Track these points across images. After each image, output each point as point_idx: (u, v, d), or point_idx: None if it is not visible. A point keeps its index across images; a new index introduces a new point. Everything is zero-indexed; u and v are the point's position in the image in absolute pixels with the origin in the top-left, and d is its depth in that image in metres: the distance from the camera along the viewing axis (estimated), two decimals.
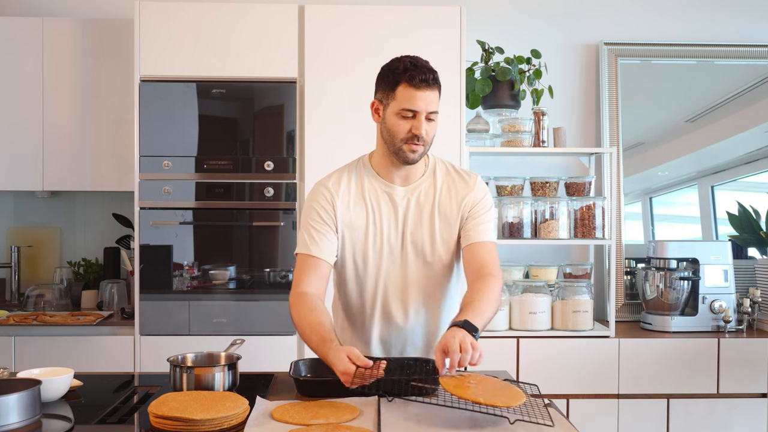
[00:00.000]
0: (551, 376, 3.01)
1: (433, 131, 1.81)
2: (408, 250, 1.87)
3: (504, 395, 1.48)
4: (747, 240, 3.57)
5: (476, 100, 3.27)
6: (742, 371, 3.04)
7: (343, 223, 1.86)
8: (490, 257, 1.85)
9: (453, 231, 1.88)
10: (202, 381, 1.67)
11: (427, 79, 1.75)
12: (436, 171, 1.92)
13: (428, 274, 1.89)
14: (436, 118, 1.80)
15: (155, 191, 2.95)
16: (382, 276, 1.87)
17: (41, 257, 3.55)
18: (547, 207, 3.15)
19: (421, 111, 1.76)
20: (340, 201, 1.86)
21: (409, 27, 3.00)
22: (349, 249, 1.87)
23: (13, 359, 2.92)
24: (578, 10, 3.59)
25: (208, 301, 2.97)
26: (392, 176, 1.88)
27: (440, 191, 1.89)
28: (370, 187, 1.88)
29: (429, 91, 1.76)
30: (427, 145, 1.81)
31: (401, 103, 1.77)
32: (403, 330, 1.90)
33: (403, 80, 1.76)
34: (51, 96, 3.23)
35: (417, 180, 1.89)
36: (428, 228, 1.87)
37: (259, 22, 2.99)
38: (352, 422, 1.45)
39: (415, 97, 1.75)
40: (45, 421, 1.51)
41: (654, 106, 3.64)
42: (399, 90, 1.77)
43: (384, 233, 1.86)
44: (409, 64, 1.78)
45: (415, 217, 1.87)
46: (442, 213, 1.88)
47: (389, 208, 1.87)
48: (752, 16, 3.61)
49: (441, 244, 1.87)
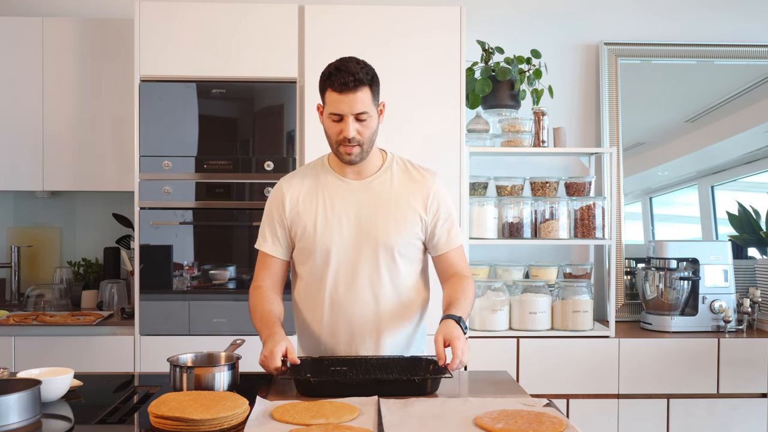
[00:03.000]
0: (551, 376, 3.01)
1: (368, 130, 1.85)
2: (362, 241, 1.91)
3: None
4: (747, 240, 3.58)
5: (476, 100, 3.27)
6: (742, 371, 3.04)
7: (292, 220, 1.94)
8: (463, 260, 1.99)
9: (409, 224, 1.92)
10: (202, 381, 1.67)
11: (347, 82, 1.79)
12: (393, 166, 1.98)
13: (383, 265, 1.91)
14: (369, 117, 1.84)
15: (155, 191, 2.95)
16: (334, 267, 1.92)
17: (41, 257, 3.54)
18: (547, 207, 3.15)
19: (346, 114, 1.81)
20: (289, 198, 1.95)
21: (409, 27, 3.00)
22: (302, 242, 1.94)
23: (13, 359, 2.92)
24: (578, 10, 3.59)
25: (208, 301, 2.97)
26: (346, 172, 1.95)
27: (396, 185, 1.94)
28: (324, 182, 1.95)
29: (352, 94, 1.80)
30: (365, 144, 1.86)
31: (329, 107, 1.84)
32: (352, 319, 1.94)
33: (327, 85, 1.83)
34: (51, 96, 3.23)
35: (373, 174, 1.95)
36: (383, 219, 1.91)
37: (259, 22, 2.99)
38: (352, 422, 1.45)
39: (338, 101, 1.81)
40: (45, 421, 1.51)
41: (654, 106, 3.64)
42: (326, 95, 1.84)
43: (337, 225, 1.91)
44: (333, 68, 1.83)
45: (370, 209, 1.92)
46: (399, 205, 1.92)
47: (343, 201, 1.93)
48: (752, 16, 3.61)
49: (396, 236, 1.91)
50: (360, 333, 1.94)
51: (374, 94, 1.85)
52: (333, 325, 1.95)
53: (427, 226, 1.94)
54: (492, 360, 2.98)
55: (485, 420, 1.44)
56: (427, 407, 1.55)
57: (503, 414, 1.48)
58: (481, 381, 1.93)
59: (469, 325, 3.09)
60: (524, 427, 1.40)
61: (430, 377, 1.70)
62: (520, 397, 1.66)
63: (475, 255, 3.42)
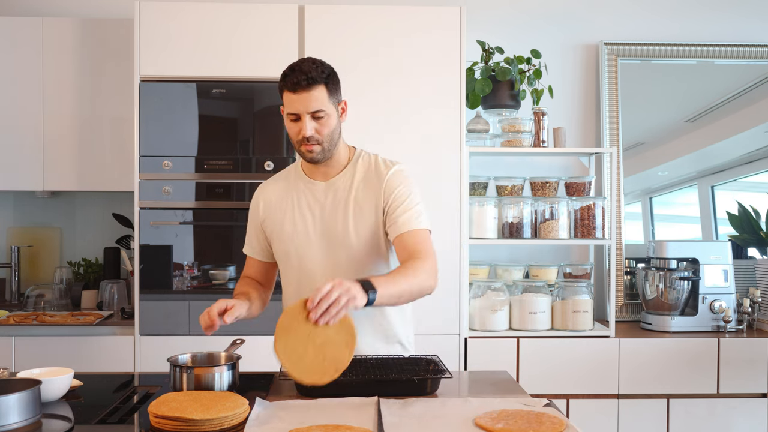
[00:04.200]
0: (551, 376, 3.01)
1: (327, 128, 1.86)
2: (326, 242, 1.93)
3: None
4: (747, 240, 3.58)
5: (476, 100, 3.27)
6: (742, 371, 3.04)
7: (267, 223, 2.01)
8: (419, 244, 1.85)
9: (369, 221, 1.92)
10: (202, 381, 1.67)
11: (299, 81, 1.80)
12: (357, 164, 1.98)
13: (347, 265, 1.92)
14: (326, 116, 1.85)
15: (155, 191, 2.95)
16: (305, 268, 1.95)
17: (41, 257, 3.55)
18: (547, 207, 3.15)
19: (302, 113, 1.83)
20: (263, 203, 2.02)
21: (409, 27, 3.00)
22: (277, 244, 2.00)
23: (13, 359, 2.92)
24: (578, 10, 3.59)
25: (208, 301, 2.94)
26: (315, 173, 1.98)
27: (357, 183, 1.95)
28: (295, 186, 2.00)
29: (305, 93, 1.81)
30: (324, 142, 1.87)
31: (286, 107, 1.87)
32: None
33: (283, 86, 1.85)
34: (51, 96, 3.23)
35: (337, 174, 1.97)
36: (342, 219, 1.92)
37: (260, 22, 2.99)
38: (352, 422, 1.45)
39: (293, 101, 1.83)
40: (45, 421, 1.51)
41: (654, 106, 3.64)
42: (284, 96, 1.86)
43: (304, 228, 1.95)
44: (289, 69, 1.85)
45: (332, 210, 1.94)
46: (358, 204, 1.93)
47: (309, 204, 1.96)
48: (752, 17, 3.61)
49: (356, 235, 1.91)
50: None
51: (331, 92, 1.86)
52: None
53: (385, 216, 1.92)
54: (492, 360, 2.98)
55: (485, 420, 1.44)
56: (427, 407, 1.55)
57: (503, 414, 1.48)
58: (481, 381, 1.93)
59: (470, 325, 3.09)
60: (524, 427, 1.40)
61: (430, 377, 1.70)
62: (520, 397, 1.66)
63: (475, 255, 3.42)
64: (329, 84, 1.85)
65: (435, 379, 1.71)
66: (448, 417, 1.49)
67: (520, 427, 1.40)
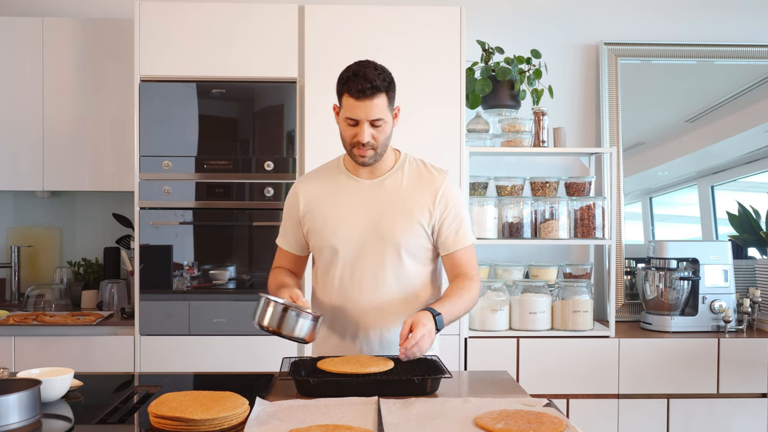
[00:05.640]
0: (551, 376, 3.01)
1: (382, 135, 1.88)
2: (369, 239, 1.94)
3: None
4: (747, 240, 3.58)
5: (476, 100, 3.27)
6: (742, 371, 3.04)
7: (307, 218, 2.00)
8: (469, 262, 1.99)
9: (416, 223, 1.94)
10: (285, 320, 1.76)
11: (364, 89, 1.81)
12: (405, 166, 2.00)
13: (388, 263, 1.94)
14: (384, 123, 1.86)
15: (155, 191, 2.95)
16: (347, 265, 1.96)
17: (41, 257, 3.54)
18: (547, 207, 3.15)
19: (362, 120, 1.84)
20: (303, 197, 2.01)
21: (409, 27, 3.00)
22: (317, 240, 1.99)
23: (13, 359, 2.92)
24: (578, 10, 3.59)
25: (208, 301, 2.97)
26: (359, 172, 1.98)
27: (406, 184, 1.97)
28: (338, 181, 2.00)
29: (368, 101, 1.82)
30: (378, 147, 1.89)
31: (345, 112, 1.86)
32: (357, 315, 1.97)
33: (344, 90, 1.85)
34: (51, 96, 3.23)
35: (384, 174, 1.98)
36: (390, 218, 1.93)
37: (259, 22, 2.99)
38: (352, 422, 1.45)
39: (354, 107, 1.83)
40: (45, 421, 1.51)
41: (654, 106, 3.64)
42: (343, 99, 1.86)
43: (345, 224, 1.95)
44: (351, 73, 1.84)
45: (379, 207, 1.95)
46: (407, 205, 1.94)
47: (354, 200, 1.96)
48: (752, 17, 3.61)
49: (402, 234, 1.93)
50: (365, 329, 1.97)
51: (390, 100, 1.87)
52: (340, 320, 2.00)
53: (434, 225, 1.96)
54: (492, 360, 2.98)
55: (485, 420, 1.44)
56: (427, 407, 1.55)
57: (503, 414, 1.48)
58: (481, 381, 1.93)
59: (470, 325, 3.09)
60: (524, 427, 1.40)
61: (430, 377, 1.70)
62: (520, 397, 1.66)
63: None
64: (390, 92, 1.86)
65: (435, 379, 1.71)
66: (448, 417, 1.49)
67: (520, 427, 1.40)
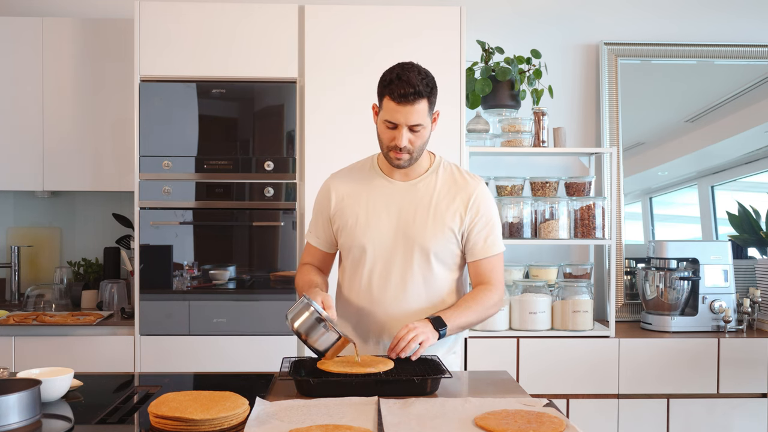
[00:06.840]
0: (551, 376, 3.01)
1: (420, 140, 1.87)
2: (399, 241, 1.93)
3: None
4: (747, 240, 3.58)
5: (476, 100, 3.27)
6: (742, 371, 3.04)
7: (337, 216, 2.00)
8: (493, 270, 1.99)
9: (447, 227, 1.94)
10: (312, 332, 1.75)
11: (407, 94, 1.79)
12: (439, 170, 1.99)
13: (416, 266, 1.94)
14: (423, 128, 1.85)
15: (155, 191, 2.95)
16: (377, 265, 1.95)
17: (41, 257, 3.54)
18: (547, 207, 3.15)
19: (401, 124, 1.83)
20: (335, 194, 2.00)
21: (409, 27, 3.00)
22: (347, 238, 1.98)
23: (13, 359, 2.92)
24: (578, 10, 3.59)
25: (208, 301, 2.97)
26: (393, 173, 1.97)
27: (439, 189, 1.96)
28: (371, 181, 1.99)
29: (410, 106, 1.80)
30: (414, 152, 1.88)
31: (385, 114, 1.85)
32: (382, 316, 1.97)
33: (386, 92, 1.83)
34: (51, 96, 3.23)
35: (418, 177, 1.97)
36: (421, 220, 1.93)
37: (259, 22, 2.99)
38: (352, 422, 1.45)
39: (395, 111, 1.82)
40: (45, 421, 1.51)
41: (654, 106, 3.64)
42: (384, 101, 1.84)
43: (376, 224, 1.94)
44: (395, 76, 1.82)
45: (410, 209, 1.94)
46: (438, 209, 1.94)
47: (386, 201, 1.96)
48: (752, 17, 3.61)
49: (432, 238, 1.93)
50: (389, 330, 1.97)
51: (431, 105, 1.86)
52: (365, 319, 2.00)
53: (464, 231, 1.95)
54: (492, 360, 2.98)
55: (485, 420, 1.44)
56: (427, 407, 1.55)
57: (503, 414, 1.48)
58: (481, 381, 1.93)
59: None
60: (524, 427, 1.40)
61: (430, 377, 1.70)
62: (520, 397, 1.66)
63: None
64: (431, 97, 1.85)
65: (435, 379, 1.70)
66: (448, 417, 1.49)
67: (520, 427, 1.40)
